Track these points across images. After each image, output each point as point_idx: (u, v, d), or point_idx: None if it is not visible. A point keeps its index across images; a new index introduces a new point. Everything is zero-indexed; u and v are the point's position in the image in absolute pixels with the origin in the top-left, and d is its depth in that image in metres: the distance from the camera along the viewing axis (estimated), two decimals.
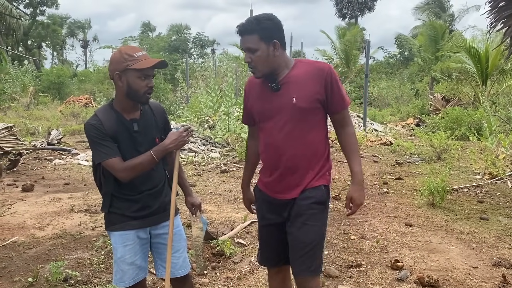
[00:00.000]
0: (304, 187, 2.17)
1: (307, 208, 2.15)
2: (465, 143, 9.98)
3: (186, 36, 41.80)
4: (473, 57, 16.28)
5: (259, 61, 2.11)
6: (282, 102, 2.14)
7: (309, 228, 2.14)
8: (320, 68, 2.15)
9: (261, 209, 2.35)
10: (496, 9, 5.90)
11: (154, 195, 2.28)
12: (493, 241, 4.28)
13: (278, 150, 2.17)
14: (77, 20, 54.80)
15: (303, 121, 2.14)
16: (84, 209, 5.29)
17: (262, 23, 2.07)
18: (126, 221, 2.24)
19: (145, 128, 2.24)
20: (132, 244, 2.26)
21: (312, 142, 2.17)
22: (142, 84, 2.13)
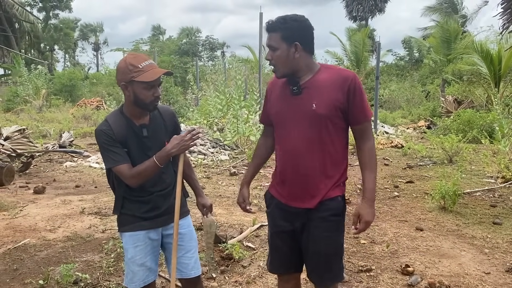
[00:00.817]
0: (321, 198, 2.12)
1: (324, 221, 2.12)
2: (477, 146, 9.85)
3: (197, 39, 42.01)
4: (486, 58, 16.11)
5: (279, 60, 2.09)
6: (301, 107, 2.10)
7: (326, 240, 2.13)
8: (344, 76, 2.07)
9: (273, 215, 2.30)
10: (509, 10, 5.82)
11: (164, 196, 2.31)
12: (506, 246, 4.22)
13: (295, 157, 2.13)
14: (89, 23, 55.42)
15: (322, 128, 2.08)
16: (94, 211, 5.33)
17: (287, 23, 2.05)
18: (137, 221, 2.27)
19: (154, 132, 2.27)
20: (142, 245, 2.28)
21: (330, 151, 2.11)
22: (148, 94, 2.15)
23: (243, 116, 9.82)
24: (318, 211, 2.12)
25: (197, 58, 29.63)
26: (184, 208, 2.42)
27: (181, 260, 2.36)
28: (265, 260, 3.83)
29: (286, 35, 2.04)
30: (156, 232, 2.33)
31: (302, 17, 2.11)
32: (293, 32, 2.05)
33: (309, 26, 2.11)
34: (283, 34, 2.05)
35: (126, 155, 2.19)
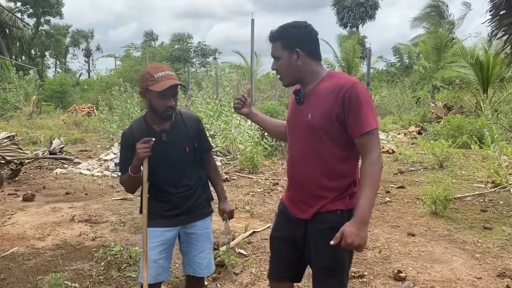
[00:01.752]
0: (317, 209, 2.06)
1: (322, 233, 2.02)
2: (467, 151, 9.93)
3: (188, 46, 41.99)
4: (475, 65, 16.29)
5: (283, 69, 2.09)
6: (301, 117, 2.08)
7: (324, 253, 2.04)
8: (341, 84, 1.95)
9: (278, 220, 2.32)
10: (497, 17, 5.90)
11: (185, 197, 2.44)
12: (497, 251, 4.24)
13: (295, 166, 2.13)
14: (80, 29, 55.24)
15: (318, 139, 2.01)
16: (84, 219, 5.27)
17: (286, 31, 2.04)
18: (155, 218, 2.38)
19: (174, 138, 2.40)
20: (157, 242, 2.38)
21: (328, 162, 2.02)
22: (161, 103, 2.29)
23: (235, 122, 9.81)
24: (316, 223, 2.07)
25: (189, 65, 29.59)
26: (204, 210, 2.54)
27: (195, 259, 2.50)
28: (257, 267, 3.83)
29: (286, 43, 2.03)
30: (173, 231, 2.45)
31: (302, 23, 2.07)
32: (292, 39, 2.03)
33: (310, 32, 2.07)
34: (283, 43, 2.04)
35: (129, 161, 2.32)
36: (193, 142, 2.47)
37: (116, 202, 6.15)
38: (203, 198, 2.54)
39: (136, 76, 22.87)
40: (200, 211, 2.51)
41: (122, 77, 21.28)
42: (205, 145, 2.60)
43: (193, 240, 2.50)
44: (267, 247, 4.32)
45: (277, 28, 2.07)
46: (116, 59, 37.77)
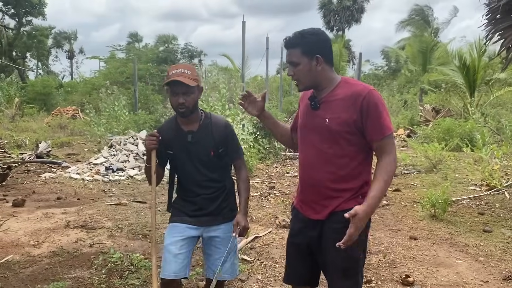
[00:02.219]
0: (332, 209, 2.11)
1: (337, 233, 2.03)
2: (459, 154, 10.03)
3: (174, 47, 41.65)
4: (462, 68, 16.52)
5: (301, 74, 2.11)
6: (317, 121, 2.12)
7: (339, 254, 2.05)
8: (358, 92, 2.03)
9: (293, 225, 2.35)
10: (493, 21, 5.95)
11: (210, 199, 2.49)
12: (499, 254, 4.24)
13: (310, 169, 2.18)
14: (62, 30, 54.38)
15: (336, 143, 2.08)
16: (80, 225, 5.12)
17: (305, 37, 2.07)
18: (181, 215, 2.52)
19: (200, 140, 2.46)
20: (179, 237, 2.45)
21: (344, 165, 2.09)
22: (174, 100, 2.39)
23: None
24: (330, 222, 2.11)
25: None
26: (229, 214, 2.55)
27: (217, 262, 2.49)
28: (263, 273, 3.75)
29: (307, 49, 2.06)
30: (196, 231, 2.50)
31: (319, 30, 2.13)
32: (313, 45, 2.07)
33: (327, 39, 2.14)
34: (303, 49, 2.07)
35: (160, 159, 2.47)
36: (218, 147, 2.48)
37: (110, 207, 6.00)
38: (226, 204, 2.56)
39: (121, 78, 22.59)
40: (225, 214, 2.54)
41: (107, 79, 21.00)
42: (233, 151, 2.56)
43: (217, 243, 2.51)
44: (271, 252, 4.27)
45: (295, 35, 2.10)
46: (100, 61, 37.29)
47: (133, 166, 8.62)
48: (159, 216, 5.55)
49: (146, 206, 6.08)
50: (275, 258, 4.13)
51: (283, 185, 7.65)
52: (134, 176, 8.26)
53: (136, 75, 16.66)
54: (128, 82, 21.79)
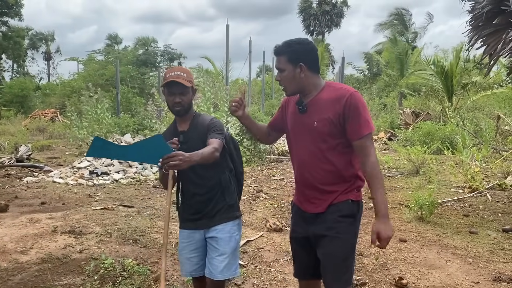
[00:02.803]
0: (330, 202, 2.25)
1: (335, 221, 2.22)
2: (439, 156, 10.23)
3: (154, 50, 41.27)
4: (440, 73, 16.88)
5: (286, 80, 2.27)
6: (306, 124, 2.28)
7: (338, 241, 2.22)
8: (341, 94, 2.18)
9: (294, 221, 2.47)
10: (476, 28, 6.10)
11: (206, 202, 2.59)
12: (487, 255, 4.35)
13: (303, 168, 2.33)
14: (39, 31, 53.29)
15: (325, 142, 2.23)
16: (67, 230, 5.01)
17: (291, 46, 2.23)
18: (183, 221, 2.70)
19: (189, 139, 2.56)
20: (186, 242, 2.65)
21: (335, 162, 2.24)
22: (170, 100, 2.55)
23: None
24: (329, 213, 2.25)
25: (159, 69, 29.13)
26: (225, 215, 2.61)
27: (213, 261, 2.56)
28: (258, 277, 3.76)
29: (291, 57, 2.22)
30: (199, 234, 2.63)
31: (305, 40, 2.29)
32: (297, 54, 2.22)
33: (312, 48, 2.28)
34: (288, 57, 2.22)
35: None
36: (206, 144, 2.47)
37: (97, 212, 5.90)
38: (223, 204, 2.62)
39: (101, 81, 22.28)
40: (220, 215, 2.61)
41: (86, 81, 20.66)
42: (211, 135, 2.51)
43: (214, 242, 2.59)
44: (264, 256, 4.27)
45: (283, 43, 2.26)
46: (79, 63, 36.64)
47: (118, 169, 8.51)
48: (148, 220, 5.51)
49: (134, 211, 6.00)
50: (268, 262, 4.13)
51: (270, 188, 7.67)
52: (119, 180, 8.15)
53: (118, 78, 16.45)
54: (108, 84, 21.52)
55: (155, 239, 4.75)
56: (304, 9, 41.99)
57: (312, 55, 2.26)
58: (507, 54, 5.66)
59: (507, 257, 4.28)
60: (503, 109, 15.41)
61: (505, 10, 5.42)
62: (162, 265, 2.46)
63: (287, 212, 5.96)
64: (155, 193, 7.24)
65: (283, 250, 4.43)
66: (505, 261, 4.18)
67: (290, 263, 4.08)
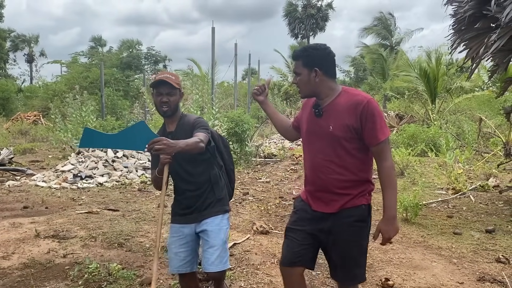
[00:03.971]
0: (342, 204, 2.33)
1: (349, 226, 2.33)
2: (423, 158, 10.36)
3: (138, 52, 40.98)
4: (423, 77, 17.11)
5: (301, 84, 2.38)
6: (322, 128, 2.35)
7: (353, 245, 2.35)
8: (358, 101, 2.25)
9: (299, 216, 2.50)
10: (458, 32, 6.20)
11: (196, 198, 2.72)
12: (471, 256, 4.40)
13: (317, 170, 2.39)
14: (21, 33, 52.47)
15: (340, 147, 2.30)
16: (51, 234, 4.93)
17: (307, 51, 2.34)
18: (174, 215, 2.81)
19: (177, 139, 2.52)
20: (176, 237, 2.74)
21: (349, 166, 2.32)
22: (157, 100, 2.66)
23: None
24: (343, 217, 2.33)
25: (144, 72, 28.93)
26: (214, 209, 2.75)
27: (205, 254, 2.68)
28: (245, 280, 3.75)
29: (307, 62, 2.32)
30: (188, 228, 2.74)
31: (322, 45, 2.36)
32: (313, 59, 2.31)
33: (328, 53, 2.34)
34: (304, 61, 2.33)
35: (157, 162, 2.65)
36: None
37: (81, 215, 5.82)
38: (212, 199, 2.76)
39: (85, 83, 22.02)
40: (210, 209, 2.74)
41: (69, 84, 20.40)
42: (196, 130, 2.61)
43: (205, 235, 2.71)
44: (251, 259, 4.26)
45: (301, 48, 2.39)
46: (62, 65, 36.18)
47: (102, 173, 8.41)
48: (133, 224, 5.45)
49: (119, 214, 5.93)
50: (255, 264, 4.12)
51: (256, 191, 7.66)
52: (104, 183, 8.06)
53: (102, 80, 16.28)
54: (92, 87, 21.28)
55: (140, 242, 4.70)
56: (290, 13, 42.15)
57: (328, 60, 2.34)
58: (489, 57, 5.76)
59: (490, 257, 4.35)
60: (484, 112, 15.70)
61: (486, 14, 5.51)
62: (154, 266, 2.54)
63: (274, 215, 5.97)
64: (140, 197, 7.17)
65: (270, 253, 4.42)
66: (489, 261, 4.24)
67: (277, 265, 4.08)
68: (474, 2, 5.74)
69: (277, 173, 9.50)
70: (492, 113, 15.78)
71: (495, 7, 5.27)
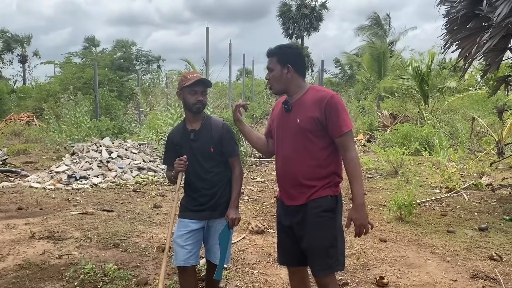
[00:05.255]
0: (309, 195, 2.45)
1: (316, 216, 2.43)
2: (417, 157, 10.41)
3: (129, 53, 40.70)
4: (416, 77, 17.20)
5: (274, 79, 2.53)
6: (290, 122, 2.51)
7: (320, 233, 2.42)
8: (322, 96, 2.43)
9: (279, 215, 2.67)
10: (451, 32, 6.25)
11: (210, 196, 2.84)
12: (465, 253, 4.45)
13: (286, 161, 2.53)
14: (14, 34, 52.10)
15: (306, 139, 2.45)
16: (46, 235, 4.92)
17: (281, 49, 2.52)
18: (184, 211, 2.90)
19: (200, 138, 2.84)
20: (184, 231, 2.82)
21: (316, 157, 2.45)
22: (192, 98, 2.80)
23: None
24: (311, 208, 2.44)
25: (138, 72, 28.83)
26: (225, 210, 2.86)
27: (212, 248, 2.91)
28: (241, 279, 3.76)
29: (281, 58, 2.50)
30: (198, 224, 2.85)
31: (295, 45, 2.68)
32: (286, 56, 2.50)
33: (300, 53, 2.59)
34: (278, 58, 2.50)
35: (172, 159, 2.87)
36: (217, 145, 2.85)
37: (76, 216, 5.81)
38: (225, 199, 2.87)
39: (79, 84, 21.92)
40: (221, 209, 2.86)
41: (63, 85, 20.28)
42: (227, 150, 2.89)
43: (212, 231, 2.89)
44: (246, 258, 4.28)
45: (275, 46, 2.55)
46: (56, 66, 35.94)
47: (97, 174, 8.39)
48: (129, 224, 5.45)
49: (114, 215, 5.93)
50: (251, 264, 4.14)
51: (251, 190, 7.68)
52: (98, 184, 8.04)
53: (96, 81, 16.23)
54: (86, 87, 21.19)
55: (136, 243, 4.71)
56: (284, 13, 42.14)
57: (300, 59, 2.54)
58: (481, 57, 5.81)
59: (483, 255, 4.39)
60: (478, 111, 15.81)
61: (479, 14, 5.56)
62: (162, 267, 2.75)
63: (269, 214, 5.99)
64: (135, 197, 7.17)
65: (265, 252, 4.44)
66: (482, 259, 4.29)
67: (273, 264, 4.10)
68: (467, 2, 5.80)
69: (272, 172, 9.52)
70: (485, 112, 15.89)
71: (487, 7, 5.32)
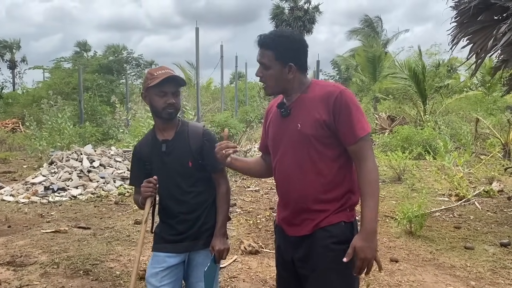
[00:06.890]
0: (317, 222, 1.89)
1: (327, 250, 1.86)
2: (419, 162, 9.86)
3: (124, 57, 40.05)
4: (413, 77, 16.72)
5: (270, 79, 1.95)
6: (289, 128, 1.95)
7: (333, 274, 1.85)
8: (330, 92, 1.87)
9: (278, 245, 2.10)
10: (461, 25, 5.71)
11: (191, 222, 2.23)
12: (490, 276, 3.86)
13: (288, 181, 1.96)
14: (3, 39, 51.29)
15: (310, 149, 1.88)
16: (6, 261, 4.26)
17: (281, 43, 1.90)
18: (159, 242, 2.29)
19: (175, 149, 2.23)
20: (159, 268, 2.22)
21: (324, 171, 1.88)
22: (160, 101, 2.17)
23: None
24: (318, 239, 1.89)
25: (127, 76, 28.23)
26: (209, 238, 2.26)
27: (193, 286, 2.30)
28: None
29: (281, 55, 1.90)
30: (177, 258, 2.25)
31: (297, 35, 1.97)
32: (288, 51, 1.91)
33: (304, 46, 1.97)
34: (277, 54, 1.90)
35: (139, 177, 2.25)
36: (197, 158, 2.23)
37: (46, 236, 5.16)
38: (210, 225, 2.26)
39: (67, 89, 21.24)
40: (205, 238, 2.25)
41: (51, 90, 19.59)
42: (210, 163, 2.25)
43: (194, 266, 2.28)
44: (238, 287, 3.67)
45: (271, 35, 1.92)
46: (45, 71, 35.18)
47: (77, 184, 7.73)
48: (105, 245, 4.82)
49: (90, 233, 5.28)
50: None
51: (244, 201, 7.06)
52: (78, 196, 7.39)
53: (81, 85, 15.57)
54: (74, 93, 20.51)
55: (110, 269, 4.07)
56: (276, 15, 41.66)
57: (304, 54, 1.96)
58: (498, 50, 5.25)
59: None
60: (478, 112, 15.32)
61: (494, 4, 5.02)
62: None
63: (264, 230, 5.38)
64: (116, 211, 6.52)
65: (260, 279, 3.82)
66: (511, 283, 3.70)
67: None
68: None
69: (267, 180, 8.90)
70: (484, 114, 15.42)
71: None
